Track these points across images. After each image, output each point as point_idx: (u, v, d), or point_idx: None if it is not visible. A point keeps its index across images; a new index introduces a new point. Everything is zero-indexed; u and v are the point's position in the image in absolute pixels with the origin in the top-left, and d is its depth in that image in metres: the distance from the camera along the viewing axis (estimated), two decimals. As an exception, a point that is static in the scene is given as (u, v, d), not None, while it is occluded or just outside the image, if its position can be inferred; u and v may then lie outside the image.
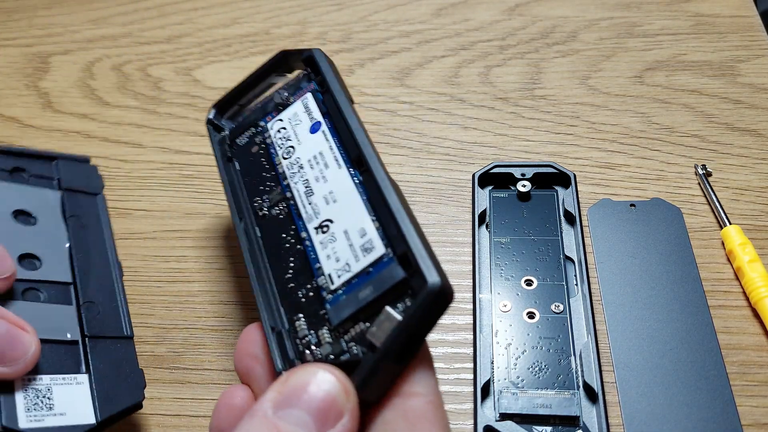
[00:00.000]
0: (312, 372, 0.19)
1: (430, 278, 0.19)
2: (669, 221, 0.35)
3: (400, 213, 0.21)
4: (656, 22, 0.46)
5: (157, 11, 0.52)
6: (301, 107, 0.28)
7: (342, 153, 0.25)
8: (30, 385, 0.28)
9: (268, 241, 0.25)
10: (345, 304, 0.21)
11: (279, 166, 0.27)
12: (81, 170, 0.38)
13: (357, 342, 0.21)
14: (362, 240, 0.22)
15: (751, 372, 0.30)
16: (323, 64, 0.28)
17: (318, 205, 0.24)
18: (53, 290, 0.32)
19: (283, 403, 0.18)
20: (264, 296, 0.24)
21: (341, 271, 0.22)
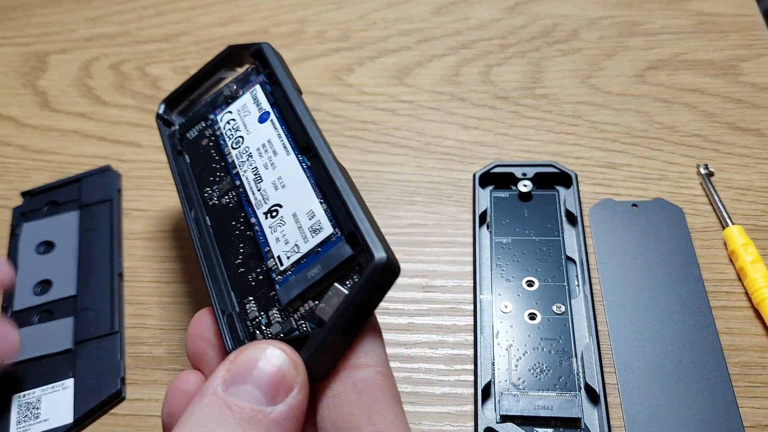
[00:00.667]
0: (261, 348, 0.19)
1: (376, 254, 0.20)
2: (671, 221, 0.35)
3: (347, 194, 0.22)
4: (658, 21, 0.46)
5: (154, 10, 0.51)
6: (250, 99, 0.28)
7: (290, 141, 0.26)
8: (24, 400, 0.31)
9: (218, 230, 0.26)
10: (294, 283, 0.22)
11: (228, 156, 0.27)
12: (101, 181, 0.39)
13: (306, 319, 0.21)
14: (311, 222, 0.23)
15: (753, 373, 0.30)
16: (272, 57, 0.28)
17: (267, 191, 0.25)
18: (61, 306, 0.34)
19: (233, 380, 0.18)
20: (214, 282, 0.24)
21: (290, 253, 0.23)
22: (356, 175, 0.39)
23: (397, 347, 0.32)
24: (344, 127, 0.42)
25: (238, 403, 0.18)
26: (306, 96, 0.44)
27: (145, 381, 0.32)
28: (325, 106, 0.43)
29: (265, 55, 0.28)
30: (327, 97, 0.43)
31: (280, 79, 0.27)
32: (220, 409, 0.18)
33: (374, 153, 0.40)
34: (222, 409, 0.18)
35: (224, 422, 0.17)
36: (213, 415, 0.17)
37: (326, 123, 0.42)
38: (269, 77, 0.28)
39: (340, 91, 0.44)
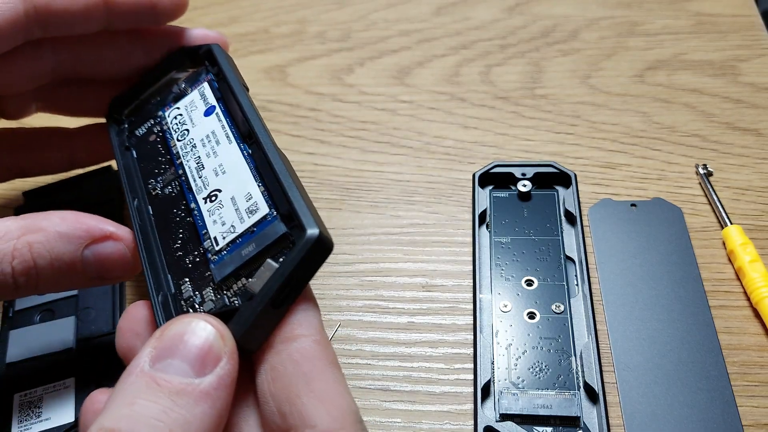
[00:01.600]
0: (186, 322, 0.19)
1: (308, 228, 0.20)
2: (670, 221, 0.35)
3: (284, 175, 0.23)
4: (657, 21, 0.46)
5: (156, 10, 0.51)
6: (198, 95, 0.29)
7: (234, 131, 0.26)
8: (26, 399, 0.31)
9: (160, 219, 0.26)
10: (228, 261, 0.23)
11: (173, 148, 0.28)
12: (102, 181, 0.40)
13: (239, 295, 0.22)
14: (248, 203, 0.24)
15: (752, 372, 0.30)
16: (220, 56, 0.29)
17: (208, 177, 0.26)
18: (62, 305, 0.34)
19: (160, 356, 0.18)
20: (152, 267, 0.24)
21: (226, 233, 0.23)
22: (356, 175, 0.39)
23: (397, 346, 0.32)
24: (344, 127, 0.42)
25: (166, 377, 0.18)
26: (306, 96, 0.45)
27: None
28: (326, 106, 0.43)
29: (214, 55, 0.29)
30: (327, 97, 0.44)
31: (227, 76, 0.28)
32: (147, 384, 0.17)
33: (374, 153, 0.40)
34: (149, 384, 0.17)
35: (152, 397, 0.17)
36: (140, 390, 0.17)
37: (326, 123, 0.42)
38: (217, 75, 0.29)
39: (341, 91, 0.44)
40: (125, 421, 0.17)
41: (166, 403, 0.17)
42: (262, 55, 0.47)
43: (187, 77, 0.31)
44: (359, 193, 0.38)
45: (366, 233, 0.36)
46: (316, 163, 0.40)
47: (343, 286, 0.34)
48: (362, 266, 0.35)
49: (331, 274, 0.35)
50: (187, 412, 0.17)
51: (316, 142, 0.41)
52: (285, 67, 0.46)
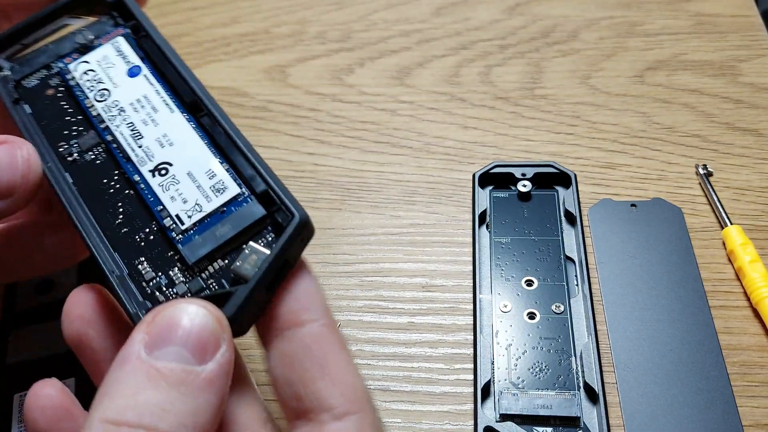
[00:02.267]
0: (181, 307, 0.18)
1: (297, 213, 0.21)
2: (670, 221, 0.35)
3: (254, 154, 0.22)
4: (657, 22, 0.46)
5: (156, 10, 0.51)
6: (112, 50, 0.27)
7: (173, 98, 0.25)
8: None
9: (84, 188, 0.25)
10: (201, 242, 0.22)
11: (92, 109, 0.26)
12: None
13: (217, 278, 0.21)
14: (212, 181, 0.23)
15: (752, 372, 0.30)
16: (136, 9, 0.27)
17: (150, 148, 0.24)
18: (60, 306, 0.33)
19: (156, 342, 0.17)
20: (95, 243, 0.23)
21: (192, 212, 0.23)
22: (356, 176, 0.39)
23: (397, 346, 0.32)
24: (344, 128, 0.42)
25: (168, 365, 0.17)
26: (307, 96, 0.45)
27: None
28: (326, 106, 0.43)
29: (128, 6, 0.27)
30: (327, 97, 0.44)
31: (152, 34, 0.26)
32: (148, 373, 0.17)
33: (374, 153, 0.40)
34: (151, 373, 0.17)
35: (156, 387, 0.17)
36: (141, 381, 0.17)
37: (326, 123, 0.42)
38: (135, 30, 0.27)
39: (341, 91, 0.44)
40: (131, 413, 0.16)
41: (171, 393, 0.17)
42: (262, 56, 0.47)
43: (89, 26, 0.28)
44: (359, 193, 0.38)
45: (366, 233, 0.36)
46: (316, 164, 0.40)
47: (343, 287, 0.34)
48: (362, 266, 0.35)
49: (331, 274, 0.35)
50: (192, 400, 0.17)
51: (316, 142, 0.41)
52: (285, 68, 0.46)
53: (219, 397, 0.18)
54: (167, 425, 0.16)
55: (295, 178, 0.39)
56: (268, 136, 0.42)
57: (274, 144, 0.41)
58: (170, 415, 0.16)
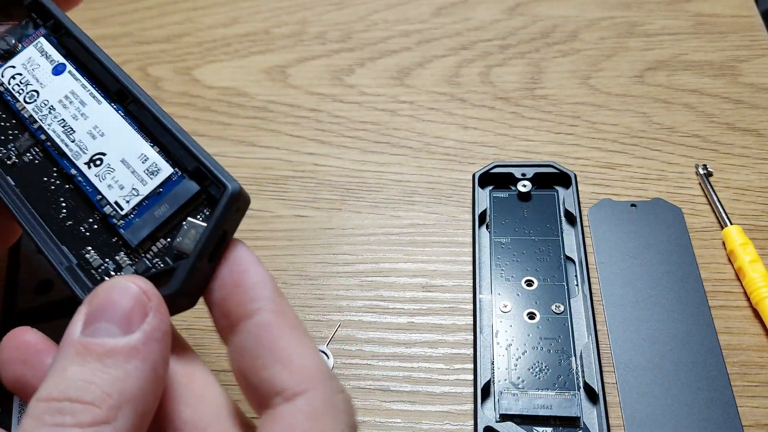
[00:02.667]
0: (110, 285, 0.19)
1: (229, 184, 0.21)
2: (670, 221, 0.35)
3: (182, 134, 0.23)
4: (657, 22, 0.46)
5: (156, 11, 0.51)
6: (35, 52, 0.28)
7: (98, 90, 0.26)
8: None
9: (26, 190, 0.25)
10: (141, 225, 0.23)
11: (23, 111, 0.26)
12: None
13: (161, 256, 0.22)
14: (145, 165, 0.24)
15: (752, 372, 0.30)
16: (53, 7, 0.28)
17: (83, 141, 0.25)
18: (62, 306, 0.34)
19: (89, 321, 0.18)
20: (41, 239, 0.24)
21: (129, 197, 0.23)
22: (356, 176, 0.39)
23: (397, 347, 0.32)
24: (345, 128, 0.42)
25: (95, 341, 0.18)
26: (307, 96, 0.45)
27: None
28: (326, 106, 0.43)
29: (46, 6, 0.28)
30: (327, 97, 0.44)
31: (71, 29, 0.27)
32: (77, 351, 0.18)
33: (374, 153, 0.40)
34: (79, 350, 0.18)
35: (82, 361, 0.17)
36: (72, 358, 0.18)
37: (327, 123, 0.42)
38: (54, 29, 0.28)
39: (341, 91, 0.44)
40: (56, 389, 0.17)
41: (96, 365, 0.17)
42: (262, 56, 0.47)
43: (10, 31, 0.29)
44: (359, 193, 0.38)
45: (366, 233, 0.36)
46: (317, 164, 0.40)
47: (343, 287, 0.34)
48: (362, 266, 0.35)
49: (331, 274, 0.35)
50: (116, 370, 0.17)
51: (317, 142, 0.41)
52: (285, 68, 0.46)
53: (149, 363, 0.18)
54: (91, 396, 0.17)
55: (295, 178, 0.39)
56: (268, 137, 0.42)
57: (274, 144, 0.41)
58: (94, 386, 0.17)
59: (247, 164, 0.40)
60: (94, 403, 0.17)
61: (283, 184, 0.39)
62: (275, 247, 0.36)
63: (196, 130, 0.43)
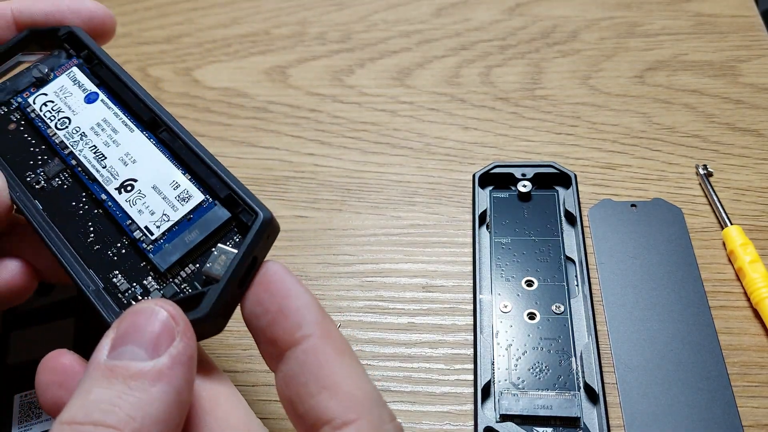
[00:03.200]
0: (138, 309, 0.19)
1: (261, 211, 0.22)
2: (670, 221, 0.35)
3: (214, 161, 0.23)
4: (657, 22, 0.46)
5: (156, 11, 0.52)
6: (68, 81, 0.28)
7: (131, 118, 0.26)
8: (26, 399, 0.31)
9: (53, 214, 0.26)
10: (171, 250, 0.23)
11: (54, 137, 0.27)
12: None
13: (189, 282, 0.22)
14: (176, 192, 0.24)
15: (752, 372, 0.30)
16: (87, 39, 0.28)
17: (115, 167, 0.25)
18: (62, 307, 0.34)
19: (116, 345, 0.18)
20: (69, 262, 0.24)
21: (160, 222, 0.24)
22: (357, 176, 0.39)
23: (397, 347, 0.32)
24: (345, 129, 0.42)
25: (120, 363, 0.18)
26: (307, 97, 0.45)
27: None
28: (326, 107, 0.43)
29: (80, 38, 0.28)
30: (327, 98, 0.44)
31: (105, 60, 0.27)
32: (103, 373, 0.18)
33: (374, 154, 0.40)
34: (105, 373, 0.18)
35: (107, 384, 0.17)
36: (97, 381, 0.17)
37: (327, 124, 0.42)
38: (88, 60, 0.28)
39: (341, 92, 0.44)
40: (80, 411, 0.17)
41: (121, 388, 0.17)
42: (262, 57, 0.47)
43: (44, 60, 0.29)
44: (360, 194, 0.38)
45: (366, 234, 0.37)
46: (317, 164, 0.40)
47: (343, 287, 0.34)
48: (362, 267, 0.35)
49: (331, 274, 0.35)
50: (142, 393, 0.17)
51: (317, 143, 0.41)
52: (285, 69, 0.46)
53: (173, 387, 0.18)
54: (115, 419, 0.17)
55: (295, 179, 0.39)
56: (268, 137, 0.42)
57: (274, 145, 0.41)
58: (118, 409, 0.17)
59: (247, 165, 0.40)
60: (117, 427, 0.17)
61: (284, 184, 0.39)
62: (275, 247, 0.36)
63: (196, 131, 0.43)
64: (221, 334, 0.33)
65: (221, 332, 0.21)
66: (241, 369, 0.32)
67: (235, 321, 0.35)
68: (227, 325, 0.22)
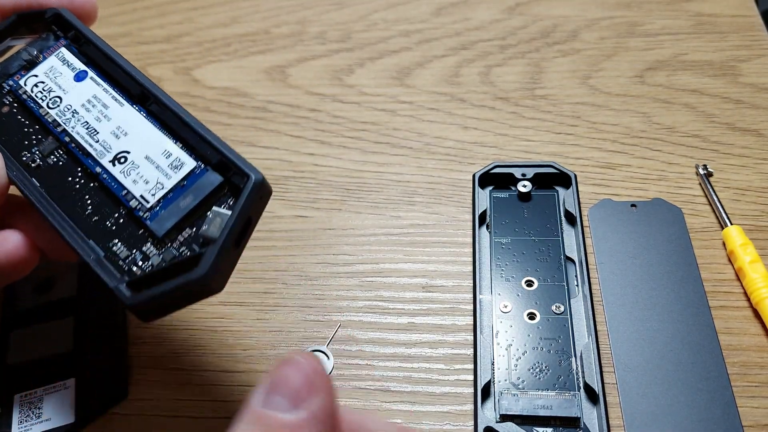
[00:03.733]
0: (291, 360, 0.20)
1: (252, 174, 0.23)
2: (670, 221, 0.35)
3: (204, 129, 0.24)
4: (657, 22, 0.46)
5: (156, 11, 0.51)
6: (57, 61, 0.29)
7: (120, 93, 0.27)
8: (26, 399, 0.31)
9: (52, 190, 0.26)
10: (167, 216, 0.24)
11: (47, 116, 0.27)
12: None
13: (187, 245, 0.23)
14: (168, 160, 0.25)
15: (752, 373, 0.30)
16: (74, 20, 0.29)
17: (107, 141, 0.26)
18: (62, 306, 0.34)
19: (269, 392, 0.19)
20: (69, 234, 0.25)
21: (154, 190, 0.24)
22: (356, 176, 0.39)
23: (397, 347, 0.32)
24: (344, 128, 0.42)
25: (268, 412, 0.19)
26: (307, 96, 0.45)
27: (147, 380, 0.32)
28: (326, 106, 0.43)
29: (67, 19, 0.29)
30: (327, 98, 0.44)
31: (92, 39, 0.28)
32: (252, 419, 0.19)
33: (374, 154, 0.40)
34: (253, 419, 0.19)
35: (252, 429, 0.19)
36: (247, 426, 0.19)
37: (326, 124, 0.42)
38: (75, 40, 0.29)
39: (341, 92, 0.44)
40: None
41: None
42: (262, 56, 0.47)
43: (32, 43, 0.30)
44: (359, 193, 0.38)
45: (366, 234, 0.36)
46: (317, 164, 0.40)
47: (343, 287, 0.34)
48: (362, 267, 0.35)
49: (331, 274, 0.35)
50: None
51: (317, 142, 0.41)
52: (285, 68, 0.46)
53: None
54: None
55: (295, 179, 0.39)
56: (268, 137, 0.42)
57: (274, 144, 0.41)
58: None
59: (247, 164, 0.40)
60: None
61: (283, 184, 0.39)
62: (275, 247, 0.36)
63: (196, 131, 0.42)
64: (220, 334, 0.33)
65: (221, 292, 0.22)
66: (241, 369, 0.32)
67: (235, 321, 0.35)
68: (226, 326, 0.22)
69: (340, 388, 0.31)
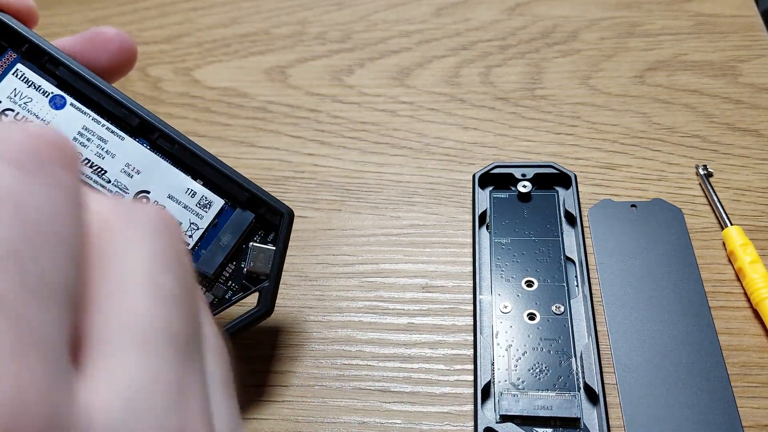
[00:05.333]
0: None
1: (284, 210, 0.25)
2: (670, 222, 0.35)
3: (224, 166, 0.25)
4: (657, 22, 0.46)
5: (156, 11, 0.51)
6: (18, 81, 0.24)
7: (113, 124, 0.24)
8: None
9: None
10: (211, 255, 0.25)
11: None
12: None
13: (234, 279, 0.25)
14: (195, 199, 0.25)
15: (753, 373, 0.30)
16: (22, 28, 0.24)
17: (120, 180, 0.24)
18: None
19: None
20: None
21: (190, 231, 0.25)
22: (356, 176, 0.39)
23: (397, 347, 0.32)
24: (344, 129, 0.42)
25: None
26: (307, 97, 0.45)
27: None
28: (326, 107, 0.43)
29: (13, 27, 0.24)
30: (327, 98, 0.44)
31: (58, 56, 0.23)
32: None
33: (374, 154, 0.40)
34: None
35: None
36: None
37: (326, 124, 0.42)
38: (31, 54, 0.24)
39: (341, 92, 0.44)
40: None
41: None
42: (262, 56, 0.47)
43: None
44: (359, 194, 0.38)
45: (366, 234, 0.36)
46: (316, 164, 0.40)
47: (343, 287, 0.34)
48: (362, 267, 0.35)
49: (331, 275, 0.35)
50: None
51: (316, 143, 0.41)
52: (285, 68, 0.46)
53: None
54: None
55: (295, 179, 0.39)
56: (268, 137, 0.42)
57: (274, 145, 0.41)
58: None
59: (247, 165, 0.40)
60: None
61: (283, 184, 0.39)
62: (275, 247, 0.36)
63: (196, 131, 0.43)
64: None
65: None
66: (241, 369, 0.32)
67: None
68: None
69: (340, 389, 0.31)
